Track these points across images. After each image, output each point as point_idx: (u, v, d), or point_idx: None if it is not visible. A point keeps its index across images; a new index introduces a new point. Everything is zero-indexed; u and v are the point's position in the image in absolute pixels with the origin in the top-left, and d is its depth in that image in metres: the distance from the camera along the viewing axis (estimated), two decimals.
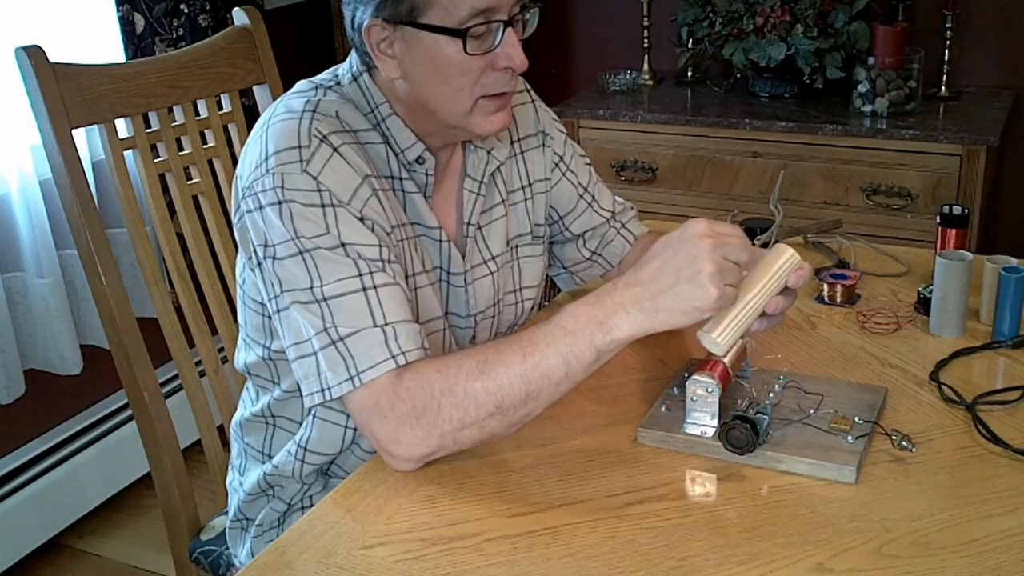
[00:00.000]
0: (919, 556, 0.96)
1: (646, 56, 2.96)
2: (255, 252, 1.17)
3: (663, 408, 1.20)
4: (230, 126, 1.68)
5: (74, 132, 1.44)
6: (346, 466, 1.32)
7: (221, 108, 1.67)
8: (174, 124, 1.59)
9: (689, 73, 2.96)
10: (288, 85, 1.31)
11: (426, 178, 1.25)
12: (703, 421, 1.14)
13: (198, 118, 1.62)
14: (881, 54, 2.53)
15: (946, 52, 2.66)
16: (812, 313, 1.48)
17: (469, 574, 0.97)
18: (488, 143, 1.32)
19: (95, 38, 2.41)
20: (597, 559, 0.98)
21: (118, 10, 2.39)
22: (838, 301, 1.50)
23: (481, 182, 1.32)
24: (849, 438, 1.12)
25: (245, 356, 1.33)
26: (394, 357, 1.10)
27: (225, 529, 1.48)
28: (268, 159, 1.14)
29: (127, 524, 2.53)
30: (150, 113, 1.55)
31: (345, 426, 1.25)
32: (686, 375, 1.17)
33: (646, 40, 2.96)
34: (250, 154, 1.19)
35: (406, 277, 1.20)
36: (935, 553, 0.97)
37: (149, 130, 1.55)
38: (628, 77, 2.91)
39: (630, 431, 1.18)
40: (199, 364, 1.60)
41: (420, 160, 1.24)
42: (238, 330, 1.35)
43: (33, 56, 1.39)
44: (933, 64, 2.64)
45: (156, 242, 1.59)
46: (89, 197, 1.45)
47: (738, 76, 2.80)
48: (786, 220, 1.69)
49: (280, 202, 1.12)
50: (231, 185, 1.35)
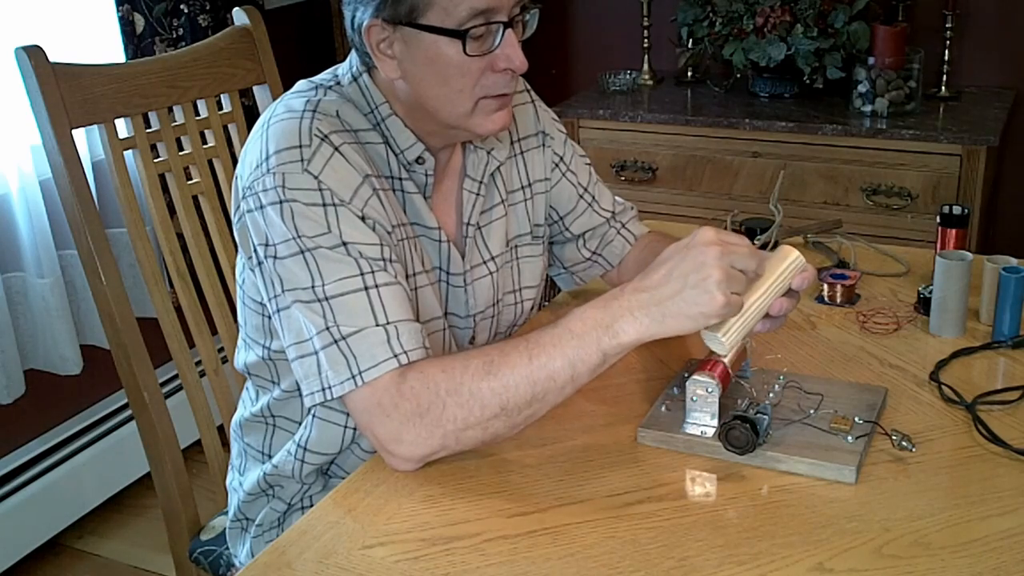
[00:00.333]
0: (919, 556, 0.96)
1: (646, 56, 2.96)
2: (256, 251, 1.17)
3: (663, 408, 1.20)
4: (230, 126, 1.68)
5: (74, 132, 1.44)
6: (346, 466, 1.32)
7: (221, 108, 1.67)
8: (174, 124, 1.59)
9: (689, 73, 2.96)
10: (288, 85, 1.31)
11: (426, 178, 1.25)
12: (703, 421, 1.14)
13: (198, 118, 1.63)
14: (881, 54, 2.53)
15: (946, 52, 2.66)
16: (812, 313, 1.48)
17: (469, 574, 0.97)
18: (488, 143, 1.32)
19: (95, 38, 2.42)
20: (597, 559, 0.98)
21: (118, 10, 2.39)
22: (838, 301, 1.50)
23: (481, 182, 1.32)
24: (849, 438, 1.12)
25: (245, 356, 1.33)
26: (396, 356, 1.10)
27: (225, 529, 1.48)
28: (269, 159, 1.14)
29: (127, 524, 2.53)
30: (150, 113, 1.55)
31: (345, 426, 1.25)
32: (686, 375, 1.17)
33: (646, 40, 2.96)
34: (250, 154, 1.19)
35: (406, 277, 1.20)
36: (935, 553, 0.97)
37: (149, 130, 1.55)
38: (628, 77, 2.91)
39: (630, 431, 1.18)
40: (199, 364, 1.60)
41: (420, 160, 1.24)
42: (238, 330, 1.35)
43: (33, 56, 1.39)
44: (933, 64, 2.64)
45: (156, 242, 1.59)
46: (89, 197, 1.45)
47: (738, 76, 2.80)
48: (786, 220, 1.70)
49: (281, 201, 1.12)
50: (231, 185, 1.35)
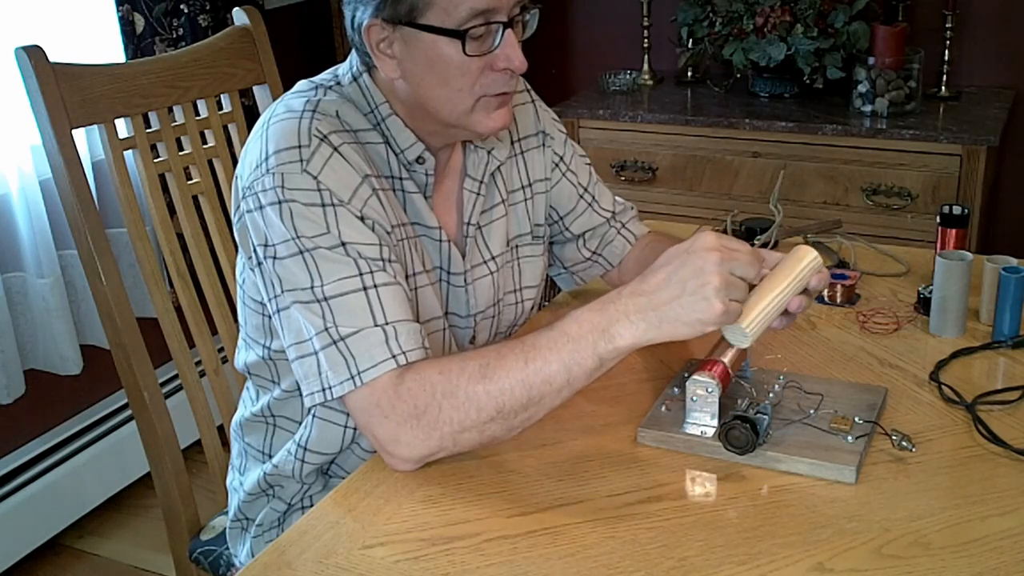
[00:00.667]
0: (919, 556, 0.96)
1: (646, 56, 2.96)
2: (255, 252, 1.17)
3: (663, 408, 1.20)
4: (230, 126, 1.68)
5: (74, 132, 1.44)
6: (346, 466, 1.32)
7: (221, 108, 1.67)
8: (174, 124, 1.59)
9: (689, 73, 2.96)
10: (288, 85, 1.31)
11: (426, 178, 1.25)
12: (703, 421, 1.14)
13: (198, 118, 1.62)
14: (881, 54, 2.52)
15: (946, 52, 2.66)
16: (812, 313, 1.48)
17: (469, 574, 0.97)
18: (488, 143, 1.32)
19: (95, 38, 2.42)
20: (597, 559, 0.98)
21: (118, 10, 2.39)
22: (838, 301, 1.50)
23: (481, 182, 1.32)
24: (849, 438, 1.12)
25: (245, 356, 1.33)
26: (395, 357, 1.10)
27: (225, 529, 1.48)
28: (268, 159, 1.14)
29: (127, 524, 2.53)
30: (150, 113, 1.55)
31: (345, 426, 1.25)
32: (686, 375, 1.17)
33: (646, 40, 2.96)
34: (250, 154, 1.19)
35: (406, 277, 1.20)
36: (935, 553, 0.97)
37: (149, 130, 1.55)
38: (628, 77, 2.91)
39: (630, 431, 1.18)
40: (199, 364, 1.60)
41: (420, 160, 1.24)
42: (238, 330, 1.35)
43: (33, 56, 1.39)
44: (933, 64, 2.64)
45: (156, 242, 1.59)
46: (89, 197, 1.45)
47: (738, 76, 2.80)
48: (786, 220, 1.70)
49: (280, 202, 1.12)
50: (231, 185, 1.35)
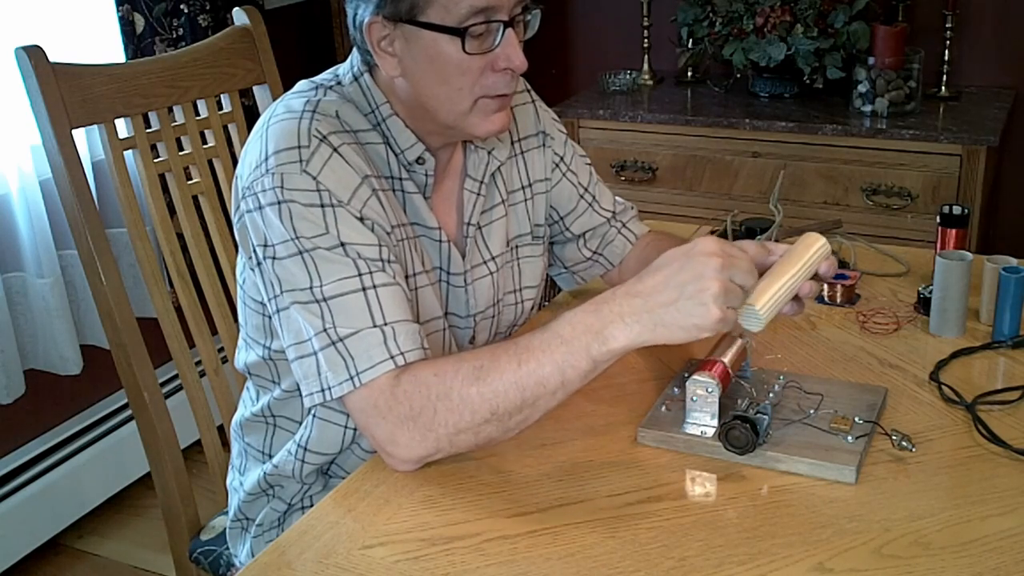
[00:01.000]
0: (919, 556, 0.96)
1: (646, 56, 2.96)
2: (255, 252, 1.17)
3: (663, 408, 1.20)
4: (230, 126, 1.68)
5: (74, 132, 1.44)
6: (346, 466, 1.32)
7: (221, 108, 1.67)
8: (174, 124, 1.59)
9: (689, 73, 2.96)
10: (288, 85, 1.31)
11: (426, 179, 1.25)
12: (703, 421, 1.14)
13: (198, 118, 1.62)
14: (881, 54, 2.52)
15: (946, 52, 2.66)
16: (812, 313, 1.48)
17: (469, 574, 0.97)
18: (489, 143, 1.32)
19: (95, 38, 2.41)
20: (597, 559, 0.98)
21: (118, 10, 2.39)
22: (838, 301, 1.50)
23: (481, 182, 1.32)
24: (849, 438, 1.12)
25: (245, 356, 1.33)
26: (393, 358, 1.10)
27: (225, 529, 1.48)
28: (268, 159, 1.14)
29: (127, 524, 2.53)
30: (150, 113, 1.55)
31: (345, 426, 1.25)
32: (686, 375, 1.17)
33: (646, 40, 2.95)
34: (250, 154, 1.19)
35: (406, 277, 1.20)
36: (935, 553, 0.97)
37: (149, 130, 1.55)
38: (628, 77, 2.91)
39: (630, 431, 1.18)
40: (199, 364, 1.60)
41: (420, 161, 1.24)
42: (238, 330, 1.35)
43: (33, 56, 1.39)
44: (933, 64, 2.64)
45: (156, 242, 1.59)
46: (89, 197, 1.45)
47: (738, 76, 2.80)
48: (786, 220, 1.69)
49: (280, 202, 1.12)
50: (231, 185, 1.35)
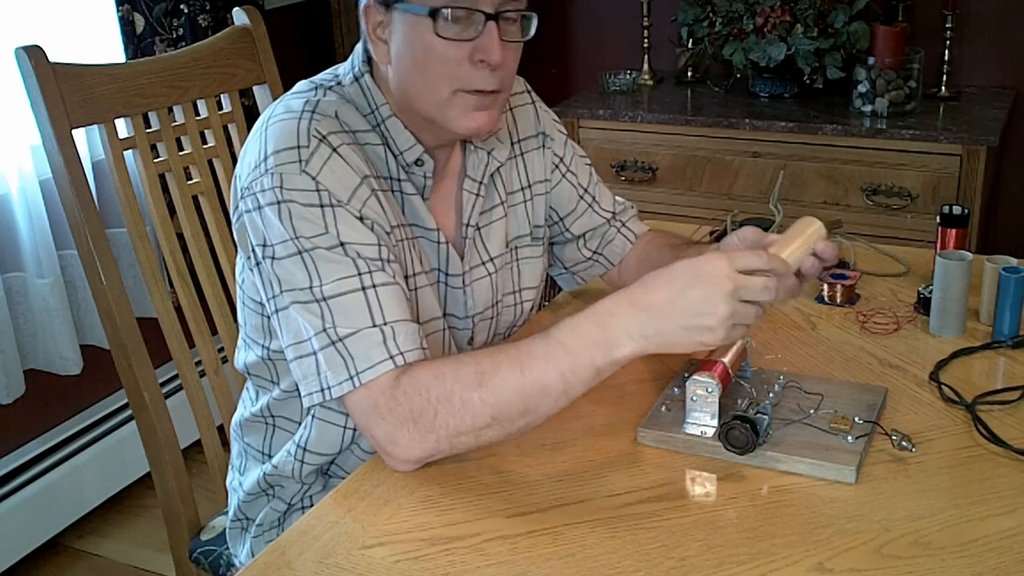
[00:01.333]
0: (919, 556, 0.96)
1: (646, 56, 2.96)
2: (254, 252, 1.17)
3: (663, 408, 1.20)
4: (230, 126, 1.68)
5: (74, 132, 1.44)
6: (346, 466, 1.32)
7: (221, 108, 1.67)
8: (174, 124, 1.59)
9: (689, 73, 2.96)
10: (288, 85, 1.31)
11: (424, 180, 1.25)
12: (703, 421, 1.14)
13: (198, 118, 1.62)
14: (881, 54, 2.52)
15: (946, 52, 2.66)
16: (812, 313, 1.48)
17: (469, 574, 0.97)
18: (488, 144, 1.32)
19: (95, 38, 2.41)
20: (597, 559, 0.98)
21: (118, 10, 2.39)
22: (838, 301, 1.50)
23: (481, 183, 1.32)
24: (849, 438, 1.12)
25: (245, 356, 1.33)
26: (392, 358, 1.10)
27: (225, 529, 1.48)
28: (267, 159, 1.14)
29: (127, 524, 2.53)
30: (150, 113, 1.55)
31: (344, 426, 1.25)
32: (686, 375, 1.17)
33: (646, 40, 2.95)
34: (249, 154, 1.18)
35: (405, 277, 1.20)
36: (935, 553, 0.97)
37: (149, 130, 1.55)
38: (628, 77, 2.91)
39: (630, 431, 1.18)
40: (199, 364, 1.60)
41: (419, 162, 1.24)
42: (238, 330, 1.35)
43: (33, 56, 1.39)
44: (933, 64, 2.64)
45: (156, 242, 1.59)
46: (89, 197, 1.45)
47: (738, 76, 2.80)
48: (786, 220, 1.69)
49: (279, 202, 1.12)
50: (231, 185, 1.35)
